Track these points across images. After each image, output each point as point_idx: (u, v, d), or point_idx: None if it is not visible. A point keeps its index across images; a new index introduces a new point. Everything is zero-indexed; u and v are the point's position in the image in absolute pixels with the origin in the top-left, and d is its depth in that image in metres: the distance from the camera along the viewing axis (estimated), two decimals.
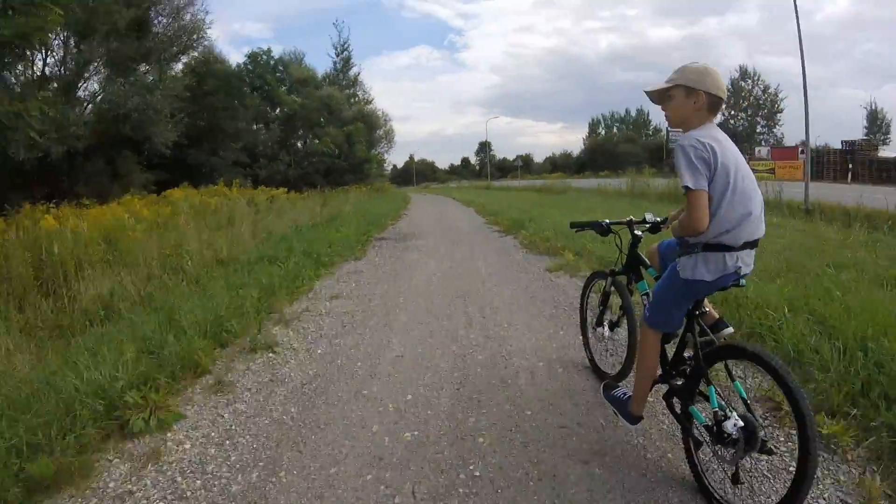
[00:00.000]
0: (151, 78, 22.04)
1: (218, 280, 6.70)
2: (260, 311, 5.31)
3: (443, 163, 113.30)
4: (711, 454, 2.24)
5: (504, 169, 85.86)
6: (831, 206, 12.44)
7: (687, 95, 2.21)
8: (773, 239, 7.46)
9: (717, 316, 2.62)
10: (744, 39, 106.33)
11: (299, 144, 37.09)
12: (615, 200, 17.91)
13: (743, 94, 64.96)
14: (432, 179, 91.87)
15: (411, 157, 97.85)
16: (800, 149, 48.13)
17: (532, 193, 26.97)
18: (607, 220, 3.16)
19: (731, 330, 2.57)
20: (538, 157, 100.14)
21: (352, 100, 43.74)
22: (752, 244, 2.17)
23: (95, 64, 21.70)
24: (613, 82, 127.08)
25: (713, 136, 2.14)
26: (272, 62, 37.16)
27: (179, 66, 26.90)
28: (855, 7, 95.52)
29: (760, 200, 2.20)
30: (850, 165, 32.58)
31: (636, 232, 3.07)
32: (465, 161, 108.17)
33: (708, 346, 2.32)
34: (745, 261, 2.17)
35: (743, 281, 2.20)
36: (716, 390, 2.19)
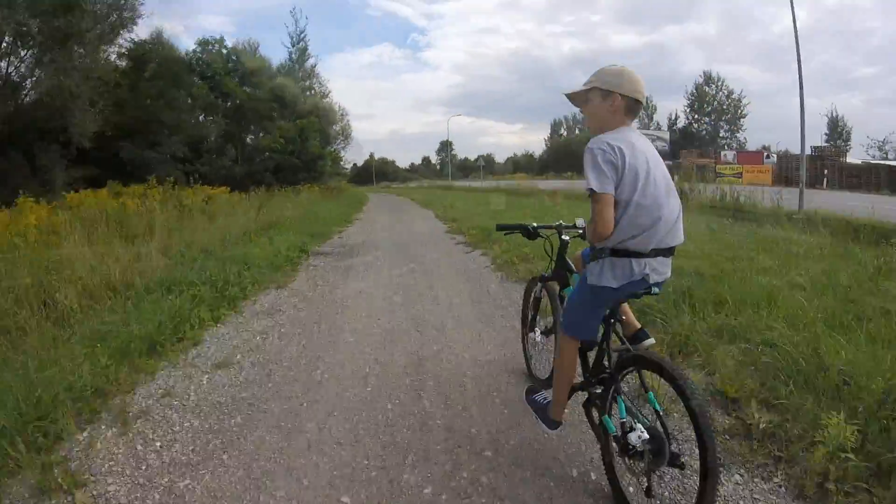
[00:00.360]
0: (77, 60, 19.26)
1: (90, 321, 4.78)
2: (98, 396, 3.34)
3: (403, 161, 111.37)
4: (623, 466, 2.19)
5: (466, 168, 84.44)
6: (832, 217, 11.21)
7: (603, 98, 2.15)
8: (811, 263, 6.08)
9: (637, 326, 2.61)
10: (703, 48, 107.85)
11: (249, 139, 34.48)
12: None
13: (707, 99, 65.05)
14: (393, 178, 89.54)
15: (371, 156, 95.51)
16: (765, 154, 48.18)
17: (497, 196, 25.17)
18: (534, 224, 3.02)
19: (652, 341, 2.56)
20: (499, 158, 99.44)
21: (308, 92, 41.29)
22: (664, 252, 2.10)
23: (9, 43, 19.02)
24: (575, 85, 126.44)
25: (626, 138, 2.07)
26: (225, 51, 34.57)
27: (116, 49, 24.24)
28: (812, 20, 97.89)
29: (675, 207, 2.12)
30: (826, 171, 32.06)
31: (563, 237, 2.97)
32: (427, 160, 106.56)
33: (623, 355, 2.23)
34: (657, 268, 2.09)
35: (656, 289, 2.12)
36: (625, 401, 2.12)
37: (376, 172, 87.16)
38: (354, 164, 78.07)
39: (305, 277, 7.11)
